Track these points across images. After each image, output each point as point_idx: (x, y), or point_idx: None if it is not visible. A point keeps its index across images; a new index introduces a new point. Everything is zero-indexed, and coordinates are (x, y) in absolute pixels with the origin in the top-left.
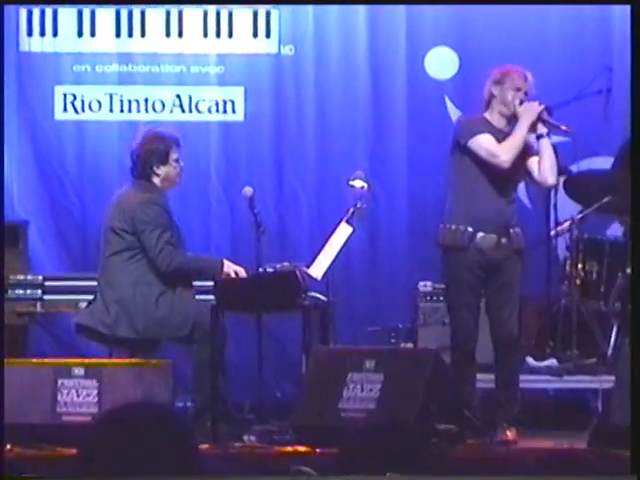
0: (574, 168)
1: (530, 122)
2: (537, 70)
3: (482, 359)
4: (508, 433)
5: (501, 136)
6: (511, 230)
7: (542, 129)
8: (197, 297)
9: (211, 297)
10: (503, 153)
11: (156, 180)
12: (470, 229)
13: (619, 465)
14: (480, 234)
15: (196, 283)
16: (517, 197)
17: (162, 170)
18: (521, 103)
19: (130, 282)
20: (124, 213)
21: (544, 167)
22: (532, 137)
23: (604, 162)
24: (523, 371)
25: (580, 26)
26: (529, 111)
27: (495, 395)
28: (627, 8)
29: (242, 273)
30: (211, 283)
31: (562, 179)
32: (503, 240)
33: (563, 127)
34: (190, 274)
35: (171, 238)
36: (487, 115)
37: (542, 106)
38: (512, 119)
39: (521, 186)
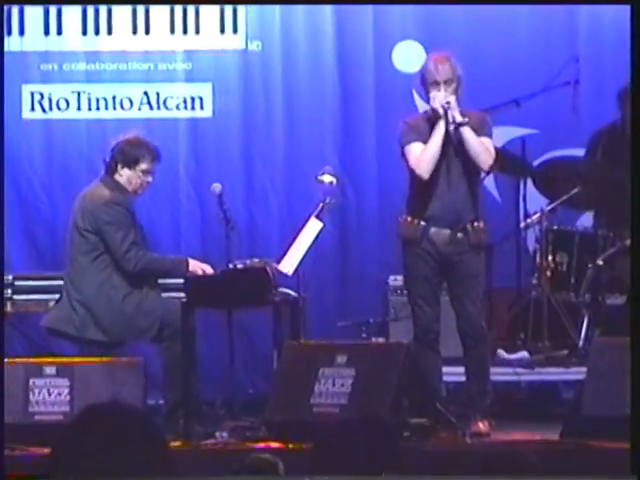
0: (543, 159)
1: (443, 118)
2: (505, 62)
3: (452, 352)
4: (480, 425)
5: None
6: (468, 225)
7: (459, 117)
8: (167, 295)
9: (182, 294)
10: (419, 167)
11: (119, 179)
12: (423, 223)
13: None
14: (433, 229)
15: (167, 280)
16: (478, 191)
17: (125, 173)
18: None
19: (95, 284)
20: (87, 213)
21: (473, 155)
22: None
23: (573, 153)
24: (495, 364)
25: (547, 16)
26: (437, 106)
27: (466, 388)
28: None
29: (208, 270)
30: (181, 280)
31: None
32: (459, 235)
33: (459, 119)
34: (155, 274)
35: (136, 238)
36: (428, 110)
37: (446, 99)
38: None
39: (490, 178)
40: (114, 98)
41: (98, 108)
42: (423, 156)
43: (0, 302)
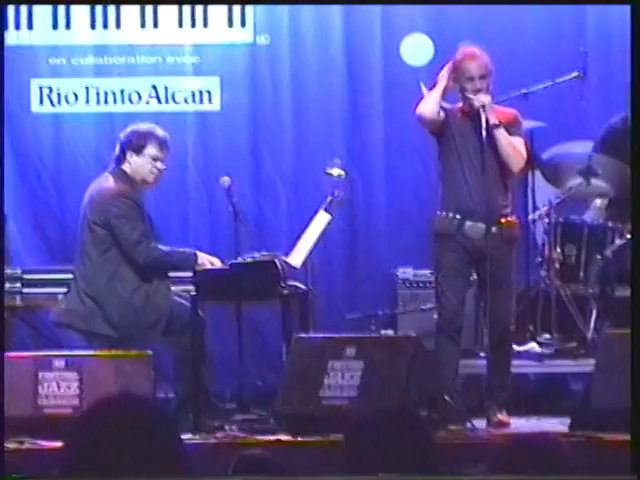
0: (551, 152)
1: (449, 74)
2: (512, 54)
3: (465, 345)
4: (500, 416)
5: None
6: (502, 219)
7: (493, 119)
8: (176, 288)
9: (191, 288)
10: (419, 106)
11: (128, 169)
12: (458, 216)
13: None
14: (468, 223)
15: (176, 274)
16: (511, 185)
17: (133, 161)
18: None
19: (104, 277)
20: (96, 206)
21: (504, 157)
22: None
23: (581, 146)
24: None
25: (555, 9)
26: (473, 103)
27: (486, 380)
28: None
29: (217, 263)
30: (190, 274)
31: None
32: (494, 229)
33: (493, 121)
34: (165, 268)
35: (146, 231)
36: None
37: (482, 99)
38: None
39: None
40: (122, 92)
41: (107, 102)
42: (424, 99)
43: (0, 297)
